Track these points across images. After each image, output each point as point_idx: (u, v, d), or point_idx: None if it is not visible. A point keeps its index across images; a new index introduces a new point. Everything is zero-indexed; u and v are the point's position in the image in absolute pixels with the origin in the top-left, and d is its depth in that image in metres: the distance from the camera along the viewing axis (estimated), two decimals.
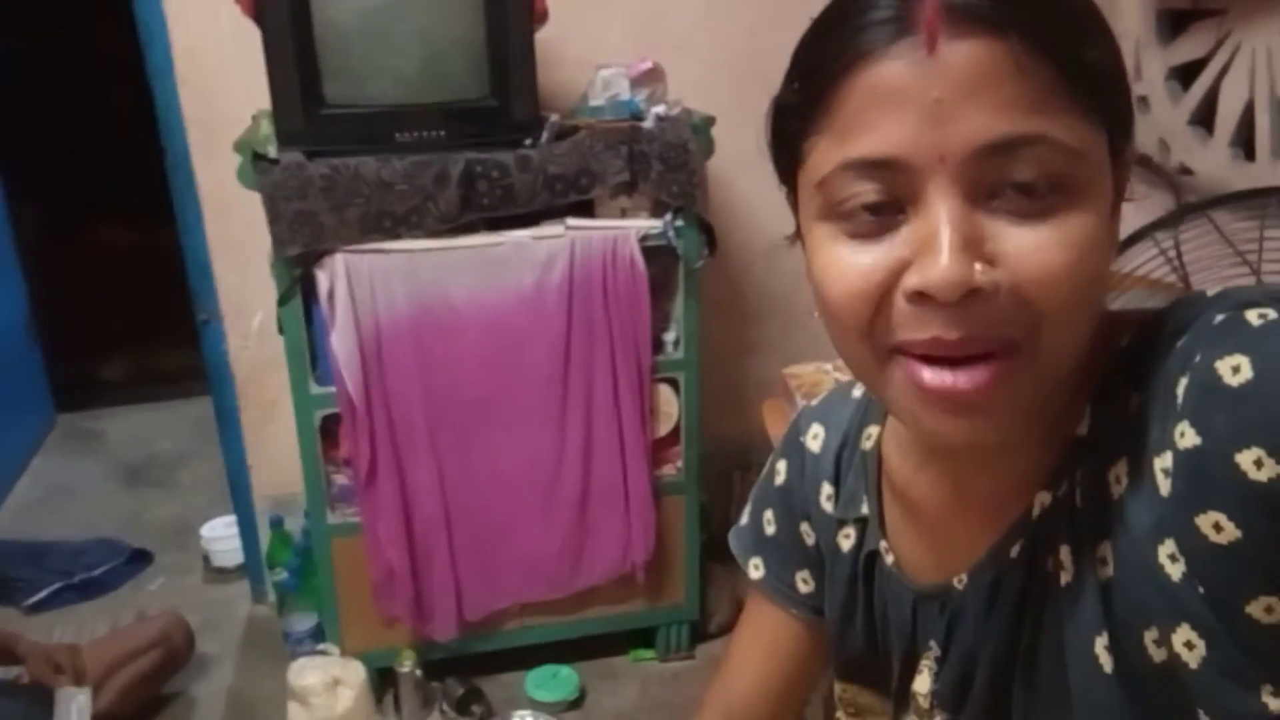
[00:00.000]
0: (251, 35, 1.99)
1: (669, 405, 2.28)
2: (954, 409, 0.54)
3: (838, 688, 0.82)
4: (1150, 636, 0.53)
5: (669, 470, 2.33)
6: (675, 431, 2.31)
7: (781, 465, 0.84)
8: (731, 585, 2.51)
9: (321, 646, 2.24)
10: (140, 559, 2.96)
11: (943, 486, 0.68)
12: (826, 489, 0.79)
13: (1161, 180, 1.86)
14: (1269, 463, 0.46)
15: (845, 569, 0.77)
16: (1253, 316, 0.50)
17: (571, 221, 2.10)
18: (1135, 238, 1.39)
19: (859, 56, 0.52)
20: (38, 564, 2.89)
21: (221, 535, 2.84)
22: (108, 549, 2.95)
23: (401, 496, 2.18)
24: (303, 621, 2.34)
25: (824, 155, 0.55)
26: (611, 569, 2.32)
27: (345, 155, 1.99)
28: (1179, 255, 1.35)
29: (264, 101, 2.01)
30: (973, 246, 0.51)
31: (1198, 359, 0.50)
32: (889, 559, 0.73)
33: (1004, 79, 0.50)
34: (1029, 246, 0.51)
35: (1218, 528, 0.48)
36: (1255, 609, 0.48)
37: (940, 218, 0.51)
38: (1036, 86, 0.50)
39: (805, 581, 0.84)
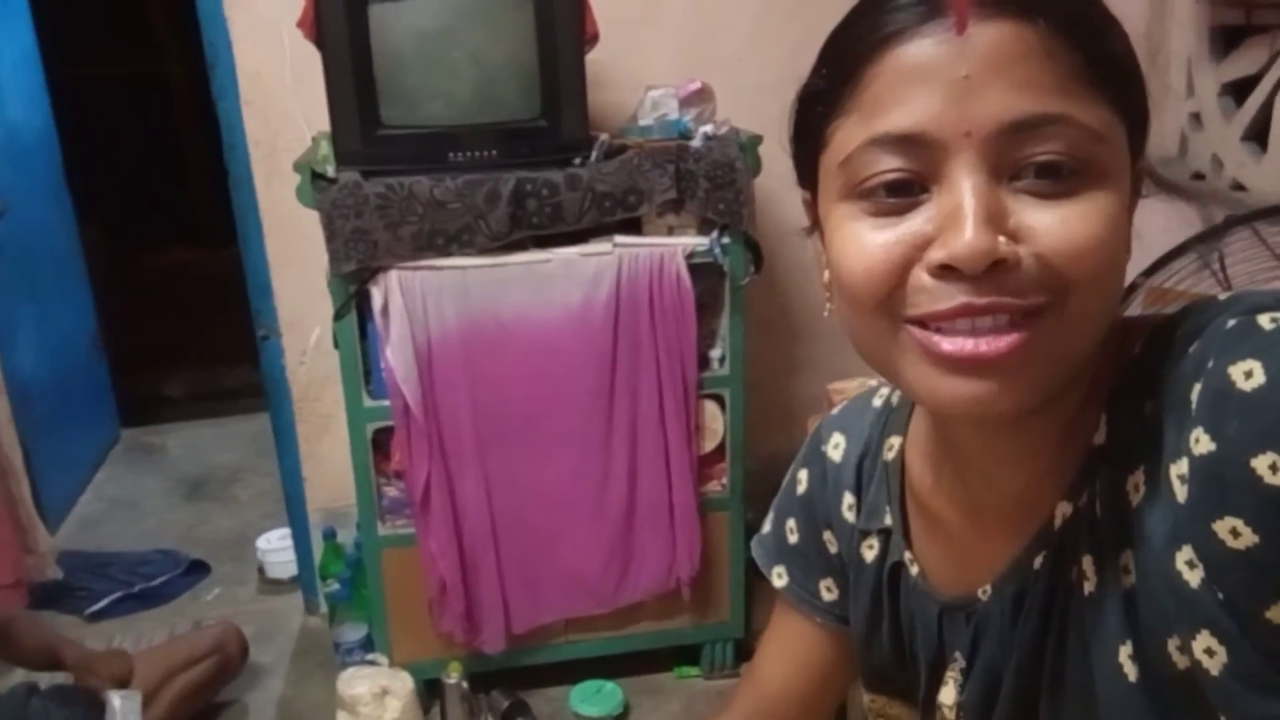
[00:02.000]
0: (312, 59, 2.06)
1: (714, 422, 2.29)
2: (973, 370, 0.53)
3: (866, 698, 0.82)
4: (1174, 644, 0.53)
5: (714, 487, 2.34)
6: (721, 448, 2.32)
7: (803, 474, 0.84)
8: None
9: (370, 657, 2.28)
10: (198, 570, 3.03)
11: (962, 497, 0.68)
12: (848, 499, 0.79)
13: (1207, 196, 1.84)
14: None
15: (869, 580, 0.77)
16: (1265, 321, 0.50)
17: (619, 239, 2.13)
18: (1179, 251, 1.38)
19: (889, 36, 0.54)
20: (99, 574, 2.97)
21: (276, 547, 2.90)
22: (167, 560, 3.03)
23: (452, 510, 2.21)
24: (353, 632, 2.38)
25: (850, 133, 0.56)
26: (656, 585, 2.33)
27: (400, 175, 2.04)
28: (1223, 268, 1.34)
29: (323, 123, 2.08)
30: (997, 220, 0.52)
31: (1211, 364, 0.50)
32: (914, 570, 0.73)
33: (1031, 60, 0.51)
34: (1053, 221, 0.52)
35: (1235, 533, 0.48)
36: (1276, 614, 0.48)
37: (965, 192, 0.52)
38: (1062, 69, 0.52)
39: (829, 590, 0.83)
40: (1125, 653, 0.56)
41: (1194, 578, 0.50)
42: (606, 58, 2.33)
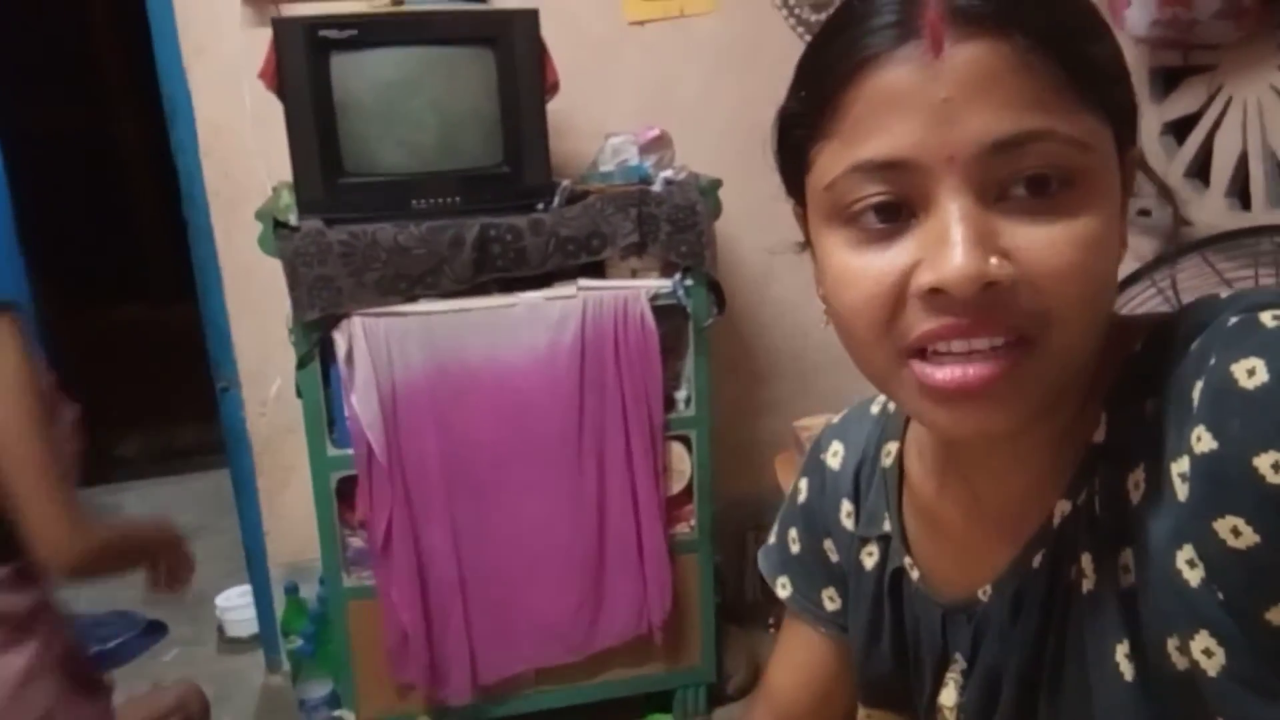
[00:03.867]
0: (273, 109, 2.06)
1: (681, 463, 2.29)
2: (965, 399, 0.54)
3: (862, 713, 0.82)
4: (1174, 644, 0.52)
5: (683, 529, 2.33)
6: (688, 489, 2.32)
7: (804, 483, 0.85)
8: (749, 647, 2.50)
9: (337, 713, 2.23)
10: (155, 631, 2.95)
11: (963, 499, 0.68)
12: (846, 506, 0.79)
13: (1155, 232, 1.90)
14: None
15: (869, 587, 0.77)
16: (1267, 319, 0.50)
17: (583, 282, 2.14)
18: (1133, 279, 1.42)
19: (864, 61, 0.53)
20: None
21: (235, 605, 2.84)
22: (123, 621, 2.94)
23: (416, 558, 2.18)
24: (318, 689, 2.33)
25: (832, 159, 0.56)
26: (628, 630, 2.31)
27: (363, 222, 2.04)
28: (1176, 295, 1.38)
29: (284, 173, 2.08)
30: (986, 241, 0.52)
31: (1213, 362, 0.50)
32: (914, 574, 0.72)
33: (1009, 77, 0.51)
34: (1042, 242, 0.52)
35: (1236, 532, 0.47)
36: (1275, 616, 0.47)
37: (952, 215, 0.52)
38: (1042, 83, 0.51)
39: (831, 599, 0.83)
40: (1122, 651, 0.55)
41: (1194, 577, 0.50)
42: (567, 107, 2.36)
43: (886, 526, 0.75)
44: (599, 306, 2.14)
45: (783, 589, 0.87)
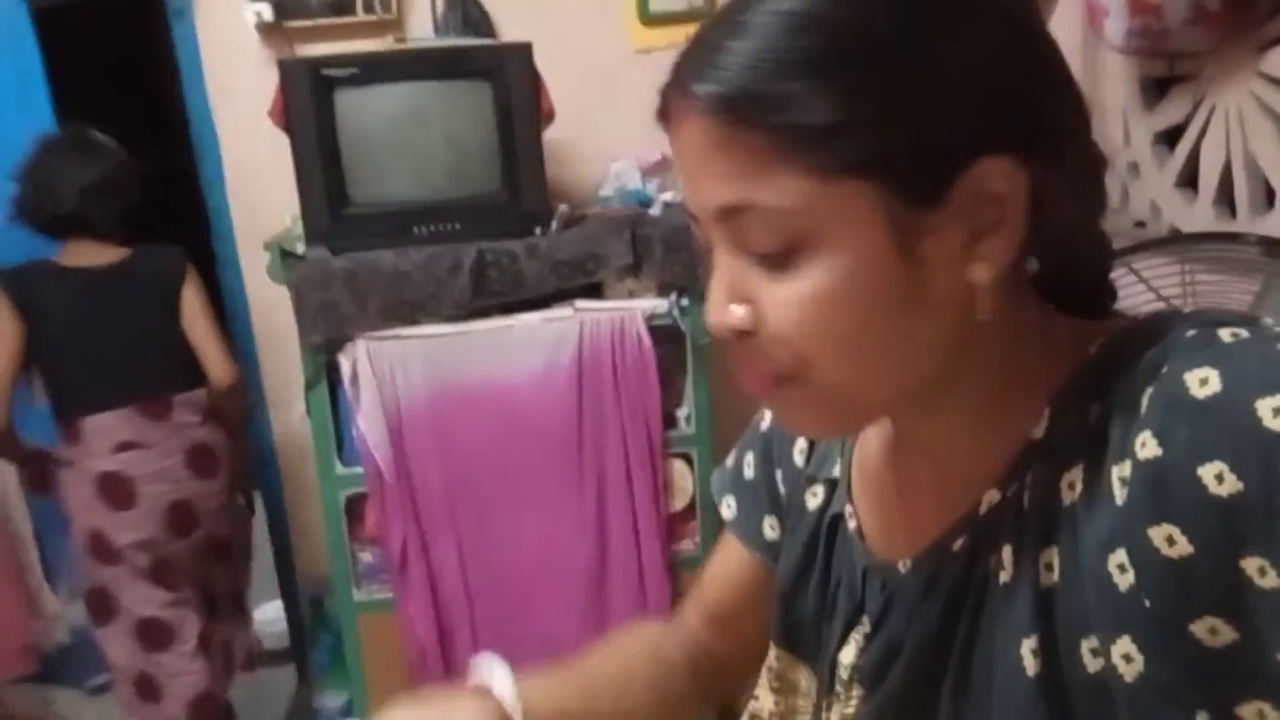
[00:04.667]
0: (289, 146, 2.18)
1: (684, 480, 2.33)
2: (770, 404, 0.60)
3: (772, 654, 0.81)
4: (1088, 645, 0.52)
5: (686, 545, 2.36)
6: (691, 506, 2.35)
7: (768, 412, 0.85)
8: None
9: None
10: None
11: (900, 469, 0.69)
12: (800, 443, 0.80)
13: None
14: (1230, 478, 0.45)
15: (807, 529, 0.77)
16: (1225, 334, 0.50)
17: (580, 304, 2.20)
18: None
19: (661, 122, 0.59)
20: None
21: (270, 619, 2.95)
22: None
23: (429, 574, 2.26)
24: (333, 699, 2.41)
25: None
26: None
27: (367, 249, 2.14)
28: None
29: (298, 206, 2.19)
30: (735, 291, 0.56)
31: (1166, 370, 0.50)
32: (851, 524, 0.72)
33: (714, 152, 0.54)
34: (776, 299, 0.55)
35: (1170, 541, 0.47)
36: (1199, 629, 0.47)
37: (715, 264, 0.57)
38: (743, 155, 0.53)
39: (772, 528, 0.84)
40: (1029, 646, 0.55)
41: (1123, 582, 0.49)
42: (574, 134, 2.44)
43: (836, 471, 0.75)
44: (595, 327, 2.19)
45: (727, 509, 0.88)
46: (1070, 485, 0.54)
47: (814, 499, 0.77)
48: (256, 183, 2.51)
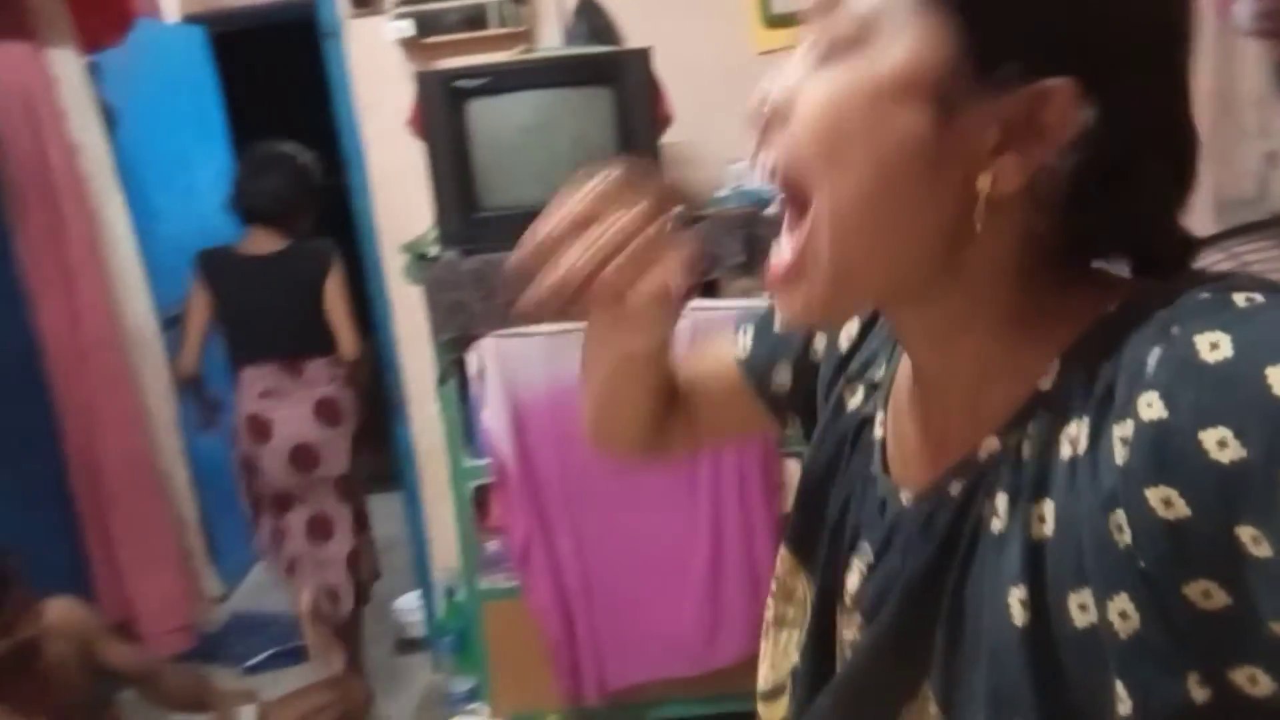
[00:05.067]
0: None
1: (796, 480, 2.32)
2: (774, 287, 0.60)
3: (781, 551, 0.78)
4: (1077, 600, 0.52)
5: None
6: None
7: None
8: None
9: (471, 707, 2.41)
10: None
11: (914, 402, 0.68)
12: (851, 326, 0.77)
13: None
14: (1234, 444, 0.44)
15: (842, 429, 0.74)
16: (1240, 299, 0.49)
17: (695, 303, 2.24)
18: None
19: None
20: (259, 633, 3.27)
21: (411, 608, 3.10)
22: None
23: (551, 565, 2.33)
24: (462, 683, 2.51)
25: None
26: (747, 648, 2.35)
27: (495, 251, 2.24)
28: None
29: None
30: (791, 74, 0.56)
31: (1176, 331, 0.49)
32: (878, 432, 0.71)
33: None
34: (813, 83, 0.55)
35: (1167, 503, 0.47)
36: (1193, 591, 0.47)
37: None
38: None
39: (780, 378, 0.82)
40: (1017, 596, 0.55)
41: (1121, 540, 0.49)
42: (696, 137, 2.48)
43: (879, 375, 0.73)
44: (710, 327, 2.21)
45: (743, 335, 0.86)
46: (1071, 440, 0.53)
47: (854, 399, 0.74)
48: (398, 191, 2.66)
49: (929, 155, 0.53)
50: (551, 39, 2.59)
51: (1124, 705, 0.50)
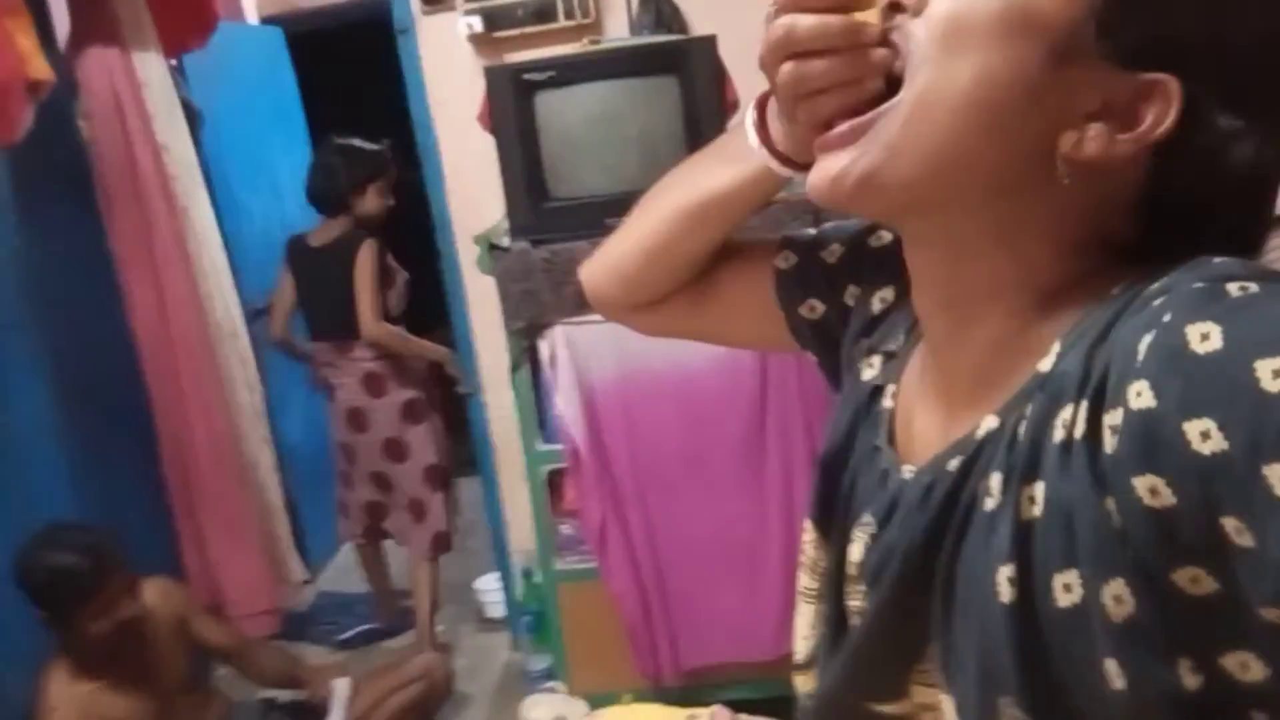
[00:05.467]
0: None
1: None
2: (825, 149, 0.60)
3: (805, 524, 0.78)
4: (1062, 580, 0.53)
5: None
6: None
7: (886, 234, 0.81)
8: None
9: (549, 684, 2.47)
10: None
11: (926, 376, 0.69)
12: (886, 291, 0.77)
13: None
14: (1217, 436, 0.45)
15: (856, 399, 0.75)
16: (1233, 288, 0.49)
17: None
18: None
19: None
20: (348, 611, 3.39)
21: (491, 589, 3.18)
22: (403, 600, 3.39)
23: (627, 547, 2.38)
24: (538, 661, 2.58)
25: None
26: None
27: (563, 241, 2.29)
28: None
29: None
30: None
31: (1167, 320, 0.49)
32: (888, 403, 0.72)
33: None
34: None
35: (1154, 492, 0.47)
36: (1181, 578, 0.48)
37: None
38: None
39: (811, 309, 0.83)
40: (1005, 574, 0.56)
41: (1112, 526, 0.50)
42: None
43: (895, 347, 0.74)
44: None
45: (784, 261, 0.85)
46: (1064, 424, 0.54)
47: (869, 370, 0.75)
48: (471, 183, 2.72)
49: (1029, 91, 0.55)
50: (619, 30, 2.62)
51: (1117, 683, 0.51)
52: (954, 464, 0.62)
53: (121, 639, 2.11)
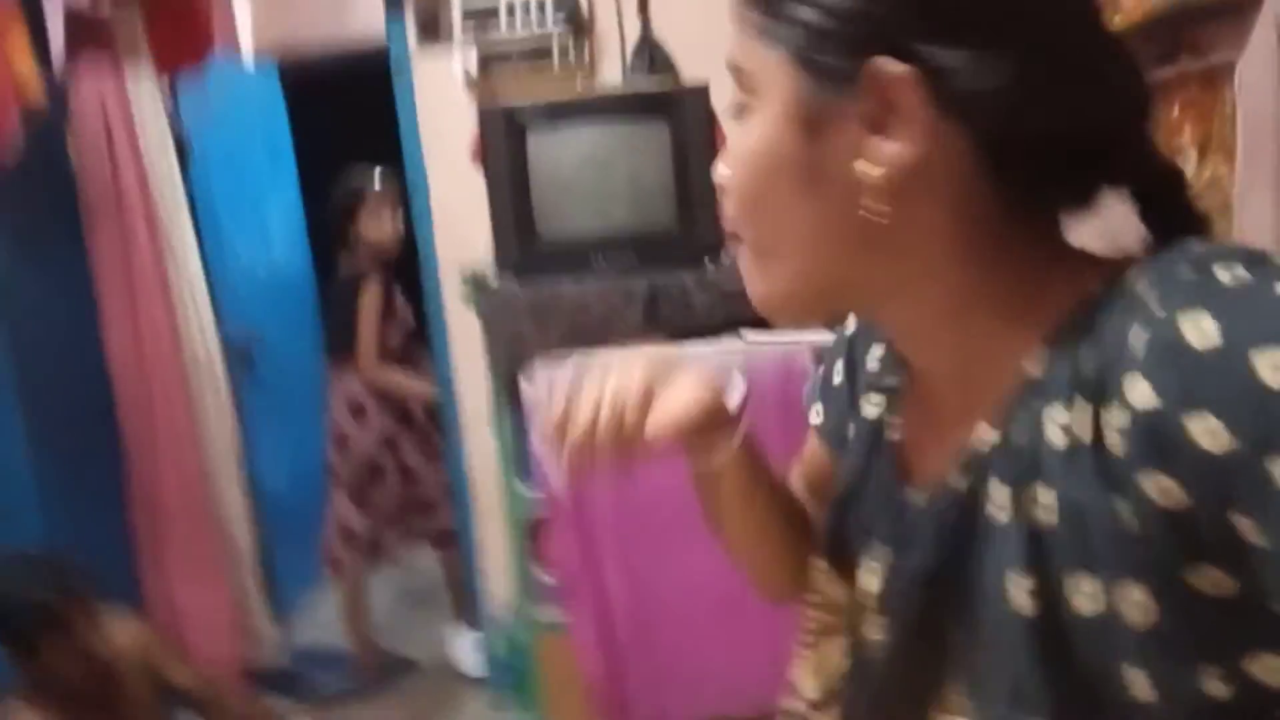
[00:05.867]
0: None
1: None
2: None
3: (815, 564, 0.79)
4: (1081, 587, 0.52)
5: None
6: None
7: (852, 319, 0.85)
8: None
9: None
10: (408, 667, 3.28)
11: (923, 402, 0.69)
12: (877, 350, 0.79)
13: None
14: (1223, 435, 0.44)
15: (863, 437, 0.75)
16: (1224, 275, 0.48)
17: (750, 335, 2.23)
18: None
19: None
20: (324, 666, 3.29)
21: (465, 641, 3.10)
22: (383, 657, 3.31)
23: (599, 600, 2.31)
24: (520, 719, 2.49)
25: None
26: None
27: (549, 279, 2.26)
28: None
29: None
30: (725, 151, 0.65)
31: (1161, 314, 0.48)
32: (894, 436, 0.72)
33: (732, 19, 0.63)
34: (726, 153, 0.64)
35: (1166, 493, 0.46)
36: (1201, 580, 0.47)
37: None
38: (737, 21, 0.62)
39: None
40: (1024, 586, 0.55)
41: (1128, 530, 0.49)
42: None
43: (892, 382, 0.75)
44: (762, 359, 2.21)
45: (815, 416, 0.88)
46: (1064, 427, 0.53)
47: (870, 408, 0.76)
48: (459, 221, 2.70)
49: (810, 167, 0.59)
50: (612, 74, 2.63)
51: (1147, 695, 0.49)
52: (959, 480, 0.60)
53: (87, 674, 2.02)
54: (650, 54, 2.55)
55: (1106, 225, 0.62)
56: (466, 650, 3.14)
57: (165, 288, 2.61)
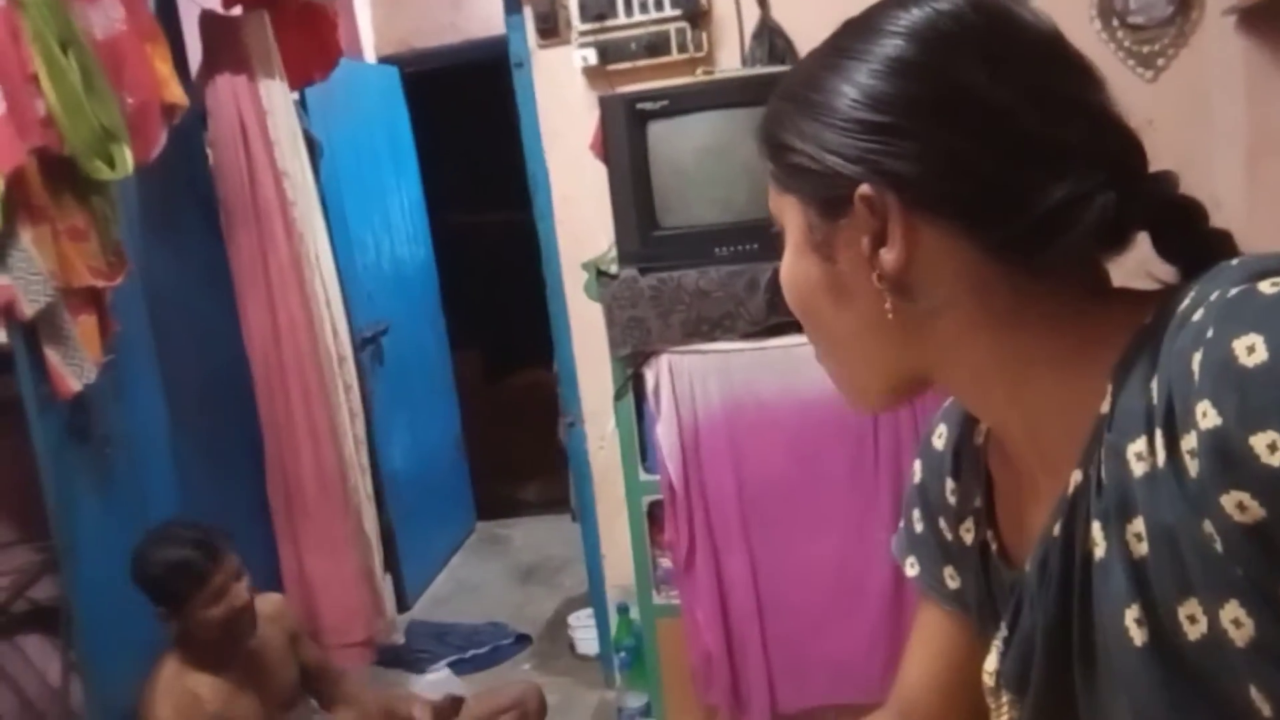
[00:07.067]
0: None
1: None
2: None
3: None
4: (1185, 612, 0.53)
5: None
6: None
7: (918, 465, 0.87)
8: None
9: None
10: (521, 642, 3.36)
11: (1015, 476, 0.72)
12: (950, 484, 0.82)
13: None
14: None
15: (972, 563, 0.79)
16: (1266, 287, 0.50)
17: (774, 340, 2.21)
18: None
19: None
20: (440, 641, 3.39)
21: (584, 624, 3.15)
22: (496, 632, 3.39)
23: (718, 582, 2.33)
24: (634, 700, 2.53)
25: None
26: None
27: (673, 269, 2.28)
28: None
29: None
30: None
31: (1211, 335, 0.50)
32: (994, 546, 0.75)
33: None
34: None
35: (1242, 508, 0.48)
36: None
37: None
38: (764, 170, 0.74)
39: (952, 578, 0.85)
40: (1132, 617, 0.56)
41: (1216, 548, 0.50)
42: None
43: (978, 501, 0.78)
44: (790, 361, 2.18)
45: (911, 569, 0.89)
46: (1139, 456, 0.55)
47: (969, 534, 0.80)
48: (578, 214, 2.74)
49: (834, 284, 0.69)
50: (731, 62, 2.63)
51: (1267, 711, 0.50)
52: (1057, 528, 0.63)
53: (233, 630, 2.12)
54: (770, 40, 2.54)
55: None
56: (581, 629, 3.19)
57: (300, 280, 2.72)
